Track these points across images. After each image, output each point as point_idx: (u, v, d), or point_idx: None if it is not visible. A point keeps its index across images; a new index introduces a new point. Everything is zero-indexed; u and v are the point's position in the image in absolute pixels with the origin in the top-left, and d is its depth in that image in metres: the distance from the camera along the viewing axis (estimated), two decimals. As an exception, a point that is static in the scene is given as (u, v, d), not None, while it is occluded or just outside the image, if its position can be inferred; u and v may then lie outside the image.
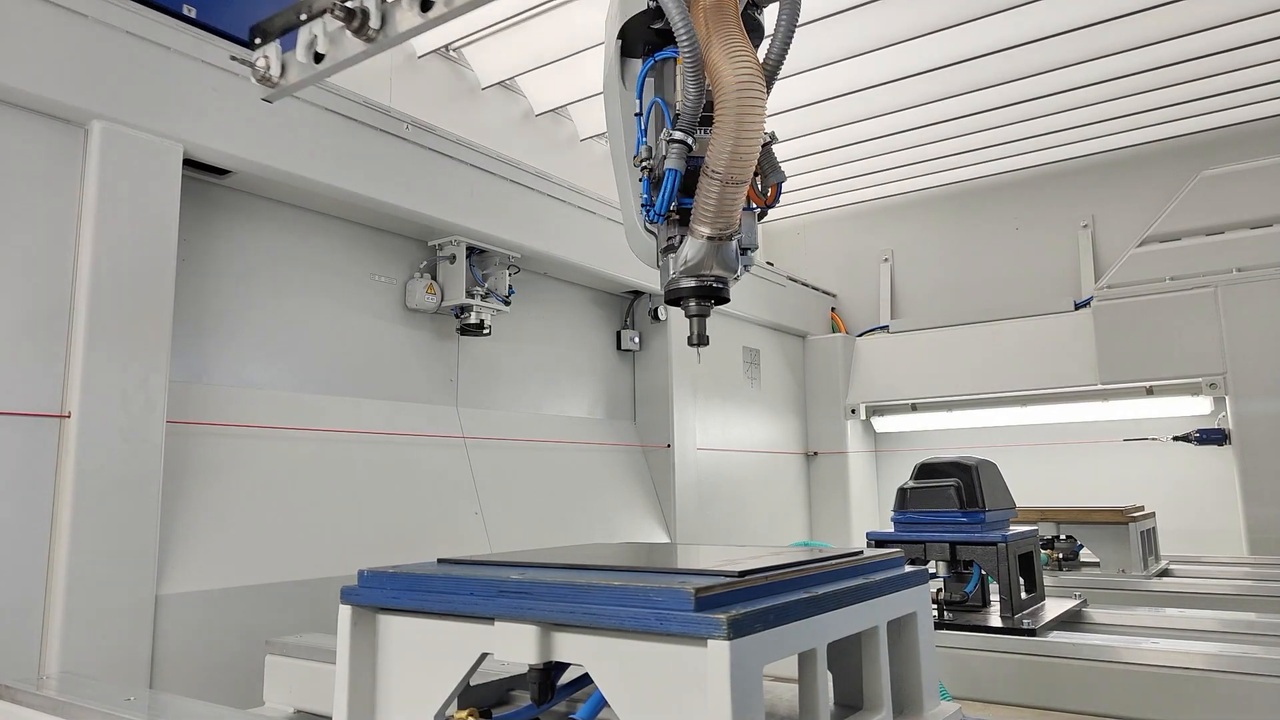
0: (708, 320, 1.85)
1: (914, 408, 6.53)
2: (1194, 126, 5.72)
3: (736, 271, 1.78)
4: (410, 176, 3.92)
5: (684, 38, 1.64)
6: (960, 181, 6.72)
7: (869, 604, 1.23)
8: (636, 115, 1.86)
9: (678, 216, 1.74)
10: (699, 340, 1.86)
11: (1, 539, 2.55)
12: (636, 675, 1.00)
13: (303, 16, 2.33)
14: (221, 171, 3.35)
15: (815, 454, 6.85)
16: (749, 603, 1.01)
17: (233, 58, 2.62)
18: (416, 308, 4.21)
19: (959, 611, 2.45)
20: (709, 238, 1.70)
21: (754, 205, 1.82)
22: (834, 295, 7.50)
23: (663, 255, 1.80)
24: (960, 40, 4.59)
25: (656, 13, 1.72)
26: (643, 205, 1.77)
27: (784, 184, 1.84)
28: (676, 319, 5.70)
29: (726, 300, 1.81)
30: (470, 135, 4.24)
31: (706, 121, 1.71)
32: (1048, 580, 3.06)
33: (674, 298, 1.81)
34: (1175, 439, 5.60)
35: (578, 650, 1.07)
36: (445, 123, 4.17)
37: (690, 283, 1.77)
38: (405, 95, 4.31)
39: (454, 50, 4.43)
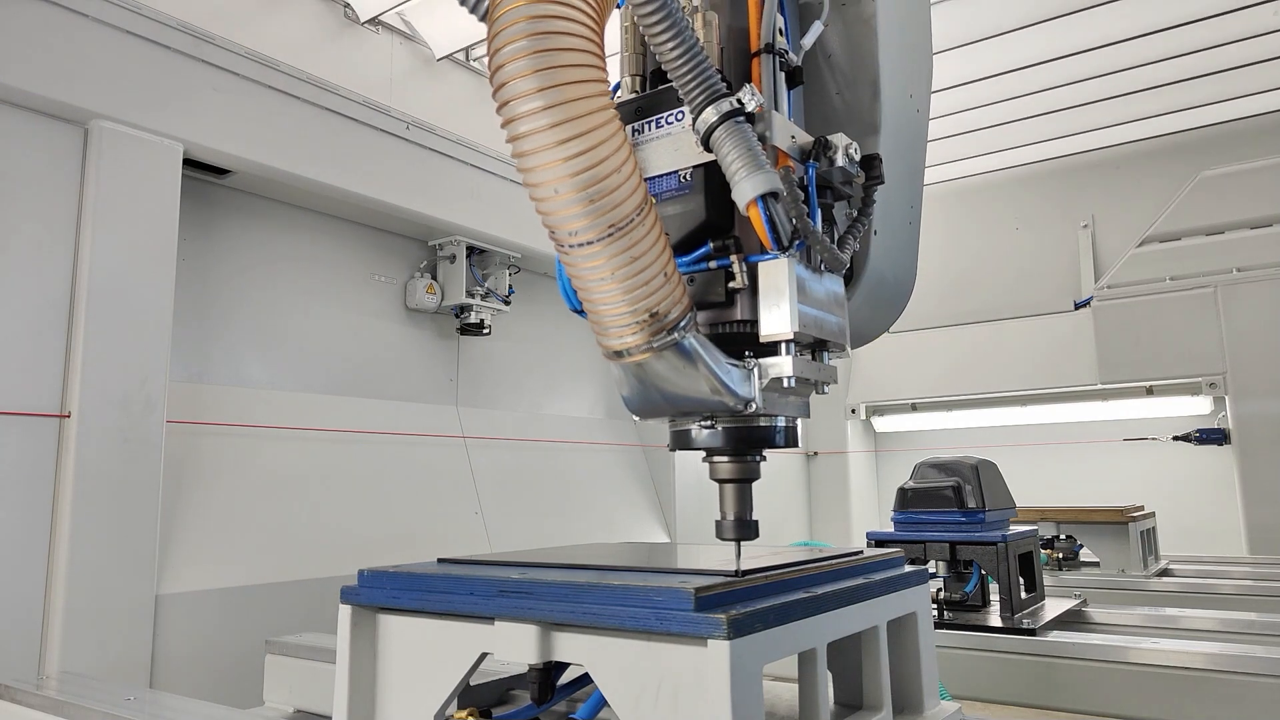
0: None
1: (914, 408, 6.53)
2: (1194, 122, 5.70)
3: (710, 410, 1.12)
4: (410, 176, 3.92)
5: None
6: (960, 179, 6.70)
7: (869, 604, 1.23)
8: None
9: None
10: (732, 530, 1.23)
11: (1, 539, 2.55)
12: (636, 675, 1.00)
13: None
14: (221, 171, 3.35)
15: (815, 454, 6.85)
16: (749, 602, 1.01)
17: None
18: (417, 307, 4.21)
19: (959, 611, 2.45)
20: (612, 354, 1.11)
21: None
22: (834, 295, 7.48)
23: None
24: (955, 31, 4.58)
25: None
26: None
27: (784, 208, 1.07)
28: (676, 319, 5.69)
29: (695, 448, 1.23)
30: (430, 112, 4.21)
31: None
32: (1047, 580, 3.06)
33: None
34: (1175, 439, 5.60)
35: (578, 650, 1.07)
36: (399, 100, 4.13)
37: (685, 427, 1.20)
38: (351, 74, 4.25)
39: (403, 17, 4.30)
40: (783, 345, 1.12)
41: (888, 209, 1.33)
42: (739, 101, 1.05)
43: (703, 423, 1.17)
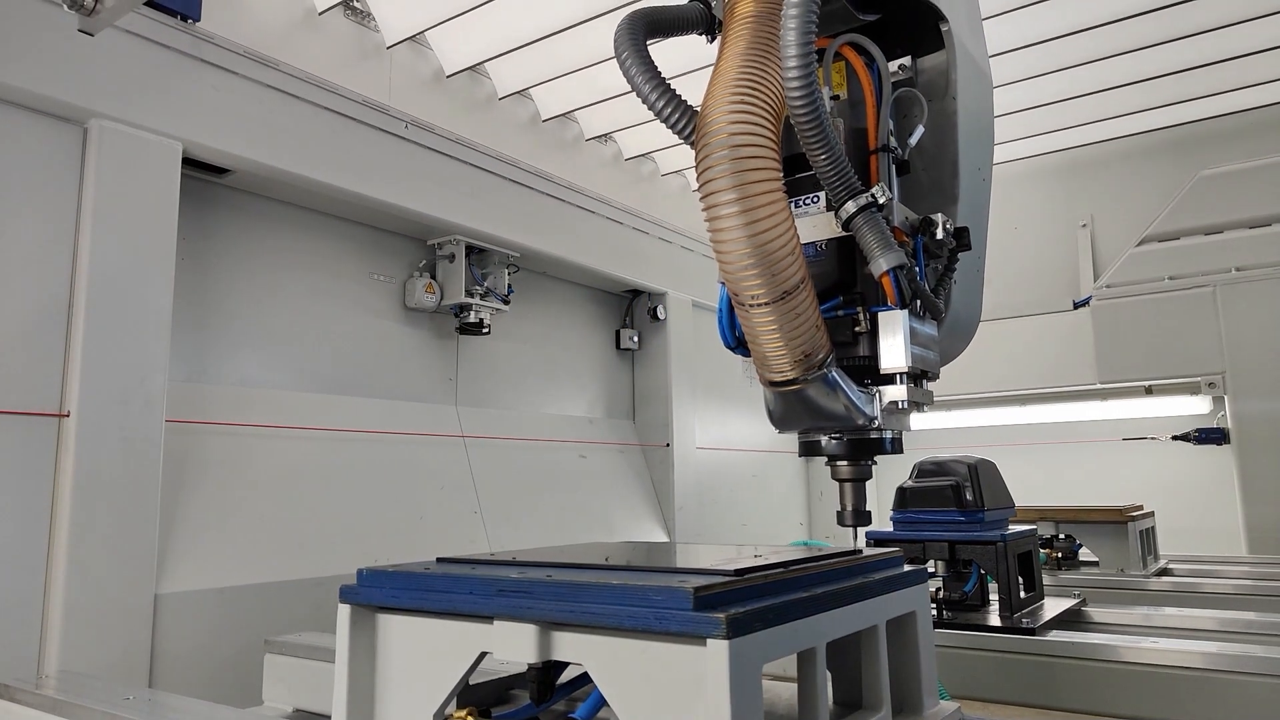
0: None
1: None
2: (1194, 114, 5.69)
3: (859, 419, 1.40)
4: (410, 176, 3.92)
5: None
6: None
7: (868, 603, 1.23)
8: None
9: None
10: (851, 519, 1.52)
11: (1, 539, 2.55)
12: (635, 674, 1.00)
13: None
14: (221, 170, 3.35)
15: (815, 453, 6.84)
16: (748, 602, 1.01)
17: None
18: (416, 307, 4.21)
19: (958, 611, 2.45)
20: (771, 383, 1.39)
21: (856, 322, 1.43)
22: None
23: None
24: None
25: None
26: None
27: (905, 277, 1.39)
28: (675, 318, 5.70)
29: (848, 458, 1.49)
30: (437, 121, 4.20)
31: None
32: (1047, 579, 3.05)
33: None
34: (1174, 438, 5.60)
35: (577, 649, 1.07)
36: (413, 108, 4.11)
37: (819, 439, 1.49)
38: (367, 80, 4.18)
39: (420, 37, 4.29)
40: (898, 376, 1.43)
41: (963, 262, 1.63)
42: (873, 196, 1.37)
43: (831, 435, 1.48)
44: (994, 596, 2.43)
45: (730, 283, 1.28)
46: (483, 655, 1.15)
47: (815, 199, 1.49)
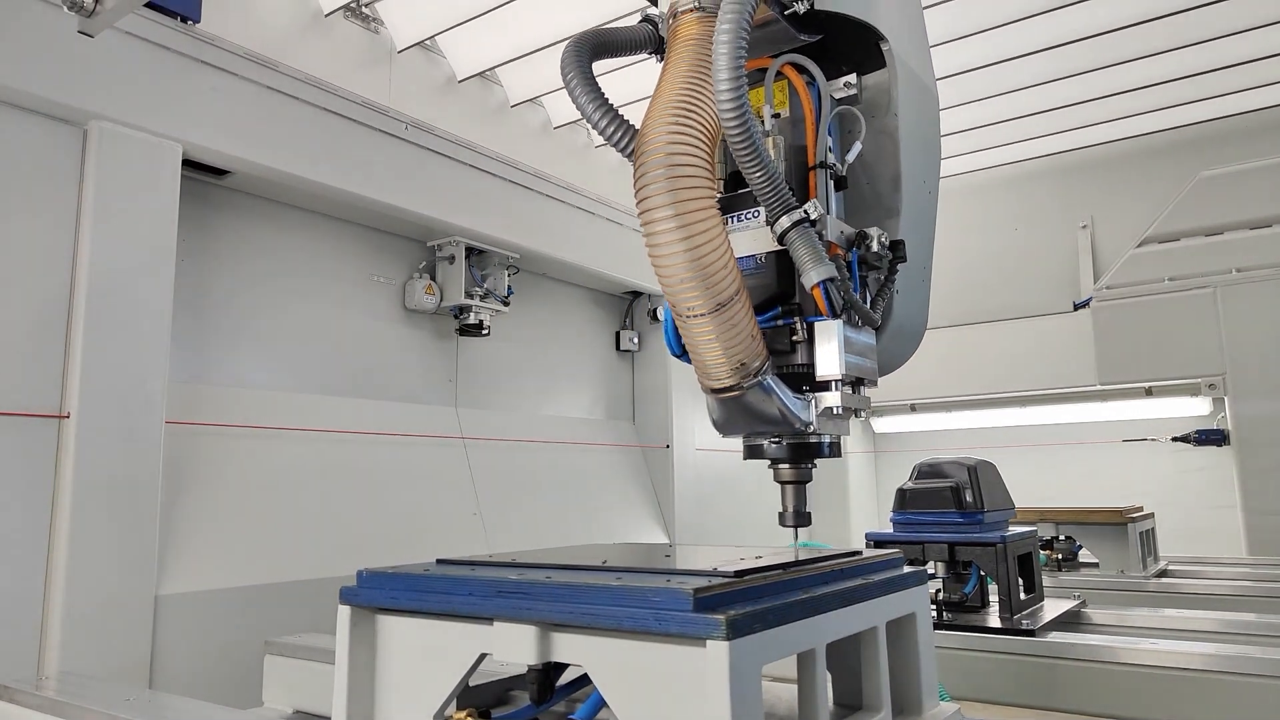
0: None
1: (913, 408, 6.53)
2: (1194, 117, 5.69)
3: (798, 425, 1.45)
4: (410, 176, 3.92)
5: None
6: (959, 175, 6.69)
7: (868, 604, 1.23)
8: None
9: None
10: (792, 520, 1.57)
11: (1, 539, 2.55)
12: (635, 676, 1.00)
13: None
14: (220, 172, 3.35)
15: (814, 454, 6.83)
16: (747, 603, 1.01)
17: None
18: (416, 308, 4.21)
19: (958, 612, 2.45)
20: (711, 390, 1.46)
21: (793, 332, 1.49)
22: (833, 296, 7.47)
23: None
24: (954, 29, 4.56)
25: None
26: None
27: (837, 288, 1.42)
28: (676, 319, 5.70)
29: (792, 461, 1.56)
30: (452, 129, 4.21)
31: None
32: (1047, 581, 3.05)
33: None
34: (1174, 439, 5.60)
35: (576, 650, 1.07)
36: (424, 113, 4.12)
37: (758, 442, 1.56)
38: (380, 85, 4.19)
39: (429, 41, 4.30)
40: (833, 383, 1.48)
41: (906, 271, 1.66)
42: (806, 211, 1.42)
43: (771, 440, 1.54)
44: (994, 598, 2.43)
45: (669, 295, 1.34)
46: (483, 656, 1.15)
47: (756, 214, 1.55)
